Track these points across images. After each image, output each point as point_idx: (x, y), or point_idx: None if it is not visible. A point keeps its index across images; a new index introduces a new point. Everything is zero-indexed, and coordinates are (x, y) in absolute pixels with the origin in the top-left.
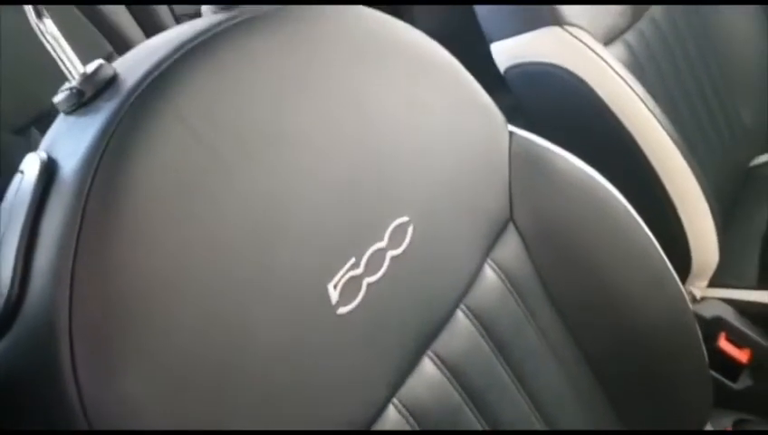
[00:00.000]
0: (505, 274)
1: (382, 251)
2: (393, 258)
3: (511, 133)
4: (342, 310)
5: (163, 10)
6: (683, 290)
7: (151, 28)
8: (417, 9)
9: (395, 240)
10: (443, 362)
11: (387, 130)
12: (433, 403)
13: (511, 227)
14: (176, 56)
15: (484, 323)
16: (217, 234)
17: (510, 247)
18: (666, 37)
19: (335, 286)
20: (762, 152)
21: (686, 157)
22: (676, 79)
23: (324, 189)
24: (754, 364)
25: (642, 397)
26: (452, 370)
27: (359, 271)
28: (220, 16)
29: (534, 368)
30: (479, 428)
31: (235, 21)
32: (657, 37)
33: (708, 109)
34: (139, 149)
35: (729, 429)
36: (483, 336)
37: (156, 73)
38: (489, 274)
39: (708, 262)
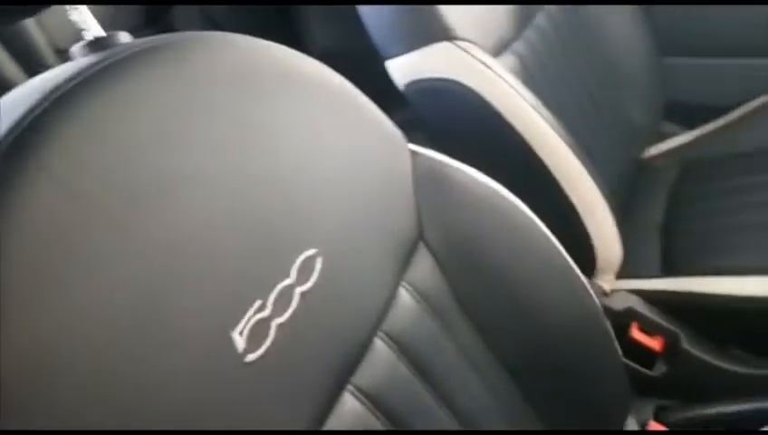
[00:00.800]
0: (420, 294)
1: (290, 288)
2: (303, 294)
3: (413, 152)
4: (251, 357)
5: (42, 44)
6: (589, 287)
7: (29, 64)
8: (314, 29)
9: (303, 275)
10: (364, 394)
11: (283, 161)
12: None
13: (422, 246)
14: (42, 107)
15: (402, 347)
16: (105, 290)
17: (422, 267)
18: (552, 44)
19: (240, 333)
20: (651, 144)
21: (580, 158)
22: (566, 82)
23: (220, 230)
24: (667, 351)
25: (562, 397)
26: (374, 401)
27: (266, 313)
28: (91, 58)
29: (456, 384)
30: None
31: (106, 63)
32: (544, 44)
33: (597, 107)
34: (7, 212)
35: (651, 419)
36: (402, 361)
37: (21, 128)
38: (404, 296)
39: (612, 256)
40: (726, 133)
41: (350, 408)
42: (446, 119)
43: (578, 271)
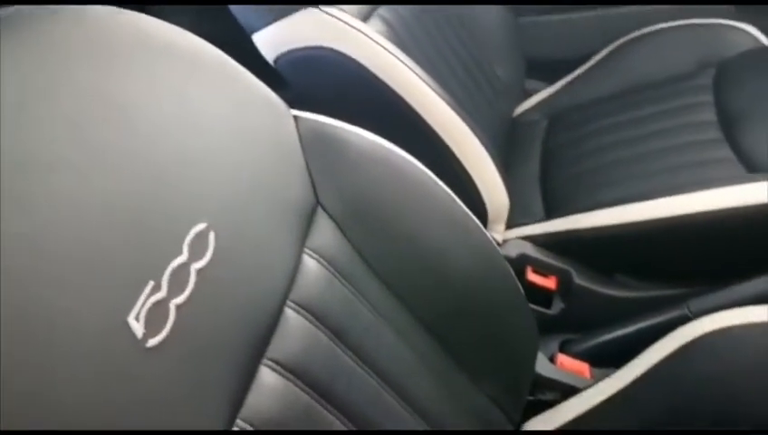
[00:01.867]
0: (326, 259)
1: (185, 266)
2: (199, 271)
3: (296, 117)
4: (153, 341)
5: None
6: (489, 236)
7: None
8: (169, 19)
9: (196, 251)
10: (282, 365)
11: (159, 136)
12: (281, 411)
13: (320, 211)
14: None
15: (315, 314)
16: None
17: (324, 232)
18: (416, 10)
19: (137, 318)
20: (519, 102)
21: (460, 114)
22: (435, 46)
23: (95, 213)
24: (562, 288)
25: (479, 344)
26: (293, 371)
27: (161, 294)
28: None
29: (375, 345)
30: (333, 421)
31: None
32: (409, 10)
33: (467, 70)
34: None
35: (557, 352)
36: (317, 327)
37: None
38: (309, 263)
39: (501, 207)
40: (583, 82)
41: (269, 382)
42: (323, 87)
43: (476, 220)
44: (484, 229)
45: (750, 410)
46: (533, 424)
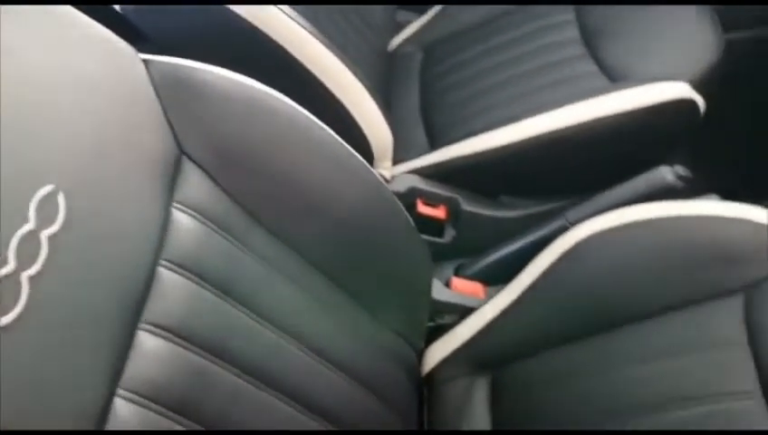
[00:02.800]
0: (199, 212)
1: (33, 234)
2: (51, 238)
3: (146, 61)
4: (6, 320)
5: None
6: (375, 173)
7: None
8: None
9: (45, 216)
10: (163, 328)
11: None
12: (168, 375)
13: (186, 161)
14: None
15: (194, 271)
16: None
17: (193, 183)
18: None
19: None
20: (393, 35)
21: (333, 51)
22: None
23: None
24: (451, 216)
25: (377, 281)
26: (178, 333)
27: (9, 268)
28: None
29: (268, 296)
30: (232, 379)
31: None
32: None
33: (342, 10)
34: None
35: (452, 276)
36: (200, 285)
37: None
38: (180, 218)
39: (385, 144)
40: (452, 11)
41: (150, 347)
42: (182, 32)
43: (360, 158)
44: (369, 167)
45: (625, 303)
46: (436, 347)
